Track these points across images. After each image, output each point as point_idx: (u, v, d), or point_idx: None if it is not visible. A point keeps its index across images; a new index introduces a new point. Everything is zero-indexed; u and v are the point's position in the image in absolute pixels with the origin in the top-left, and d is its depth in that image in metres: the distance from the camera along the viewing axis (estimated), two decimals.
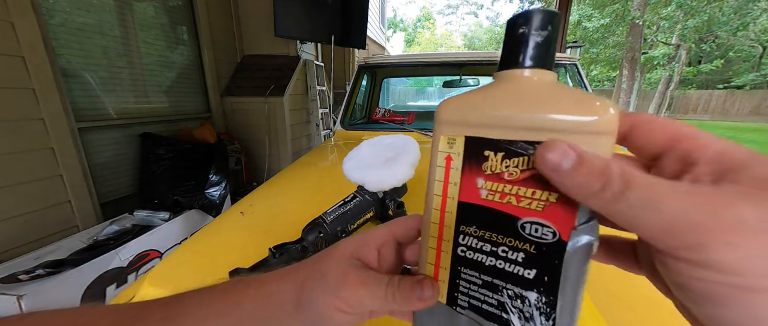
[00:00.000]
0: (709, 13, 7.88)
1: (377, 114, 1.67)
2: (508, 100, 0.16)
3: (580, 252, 0.15)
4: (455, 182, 0.18)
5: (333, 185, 0.82)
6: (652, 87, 11.24)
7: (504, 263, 0.17)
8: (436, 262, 0.19)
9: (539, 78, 0.16)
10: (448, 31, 35.70)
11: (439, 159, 0.18)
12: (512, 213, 0.16)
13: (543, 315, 0.16)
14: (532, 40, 0.15)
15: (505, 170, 0.16)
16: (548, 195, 0.15)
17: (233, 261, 0.48)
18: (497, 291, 0.17)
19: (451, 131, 0.17)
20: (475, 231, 0.17)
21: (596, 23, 8.65)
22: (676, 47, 9.17)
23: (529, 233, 0.16)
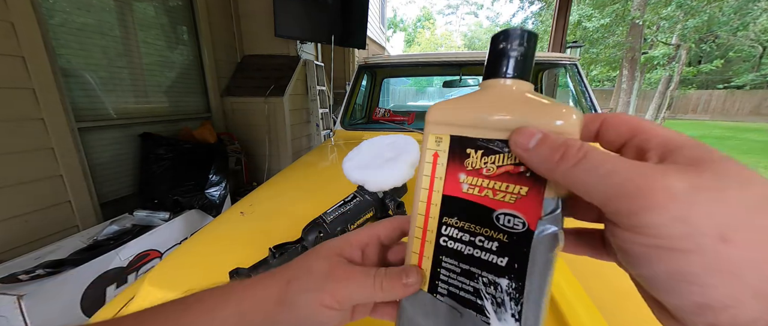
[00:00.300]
0: (709, 13, 7.87)
1: (377, 114, 1.67)
2: (489, 105, 0.18)
3: (546, 240, 0.17)
4: (441, 177, 0.20)
5: (333, 185, 0.82)
6: (652, 87, 11.24)
7: (480, 251, 0.19)
8: (420, 251, 0.21)
9: (517, 87, 0.18)
10: (448, 31, 35.71)
11: (428, 156, 0.20)
12: (489, 205, 0.18)
13: (513, 300, 0.18)
14: (511, 54, 0.18)
15: (484, 166, 0.18)
16: (520, 189, 0.17)
17: (233, 261, 0.48)
18: (473, 279, 0.19)
19: (438, 130, 0.20)
20: (456, 222, 0.19)
21: (596, 23, 8.64)
22: (676, 47, 9.17)
23: (503, 223, 0.18)
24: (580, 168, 0.15)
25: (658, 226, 0.13)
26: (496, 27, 25.13)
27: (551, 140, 0.16)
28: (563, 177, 0.15)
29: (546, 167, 0.16)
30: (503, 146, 0.17)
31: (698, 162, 0.13)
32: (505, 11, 30.35)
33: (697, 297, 0.12)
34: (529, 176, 0.17)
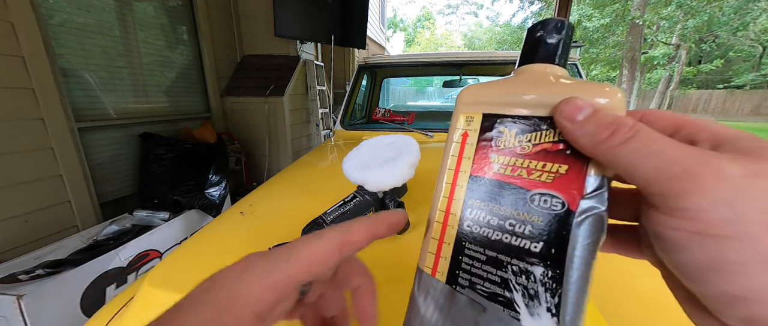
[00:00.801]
0: (709, 13, 7.87)
1: (377, 114, 1.67)
2: (527, 85, 0.17)
3: (590, 222, 0.15)
4: (469, 157, 0.19)
5: (333, 185, 0.82)
6: (652, 87, 11.24)
7: (510, 236, 0.17)
8: (440, 237, 0.19)
9: (552, 72, 0.18)
10: (448, 31, 35.70)
11: (456, 135, 0.19)
12: (522, 186, 0.17)
13: (548, 291, 0.15)
14: (549, 41, 0.18)
15: (518, 145, 0.17)
16: (558, 167, 0.16)
17: (233, 261, 0.48)
18: (501, 267, 0.17)
19: (470, 109, 0.19)
20: (483, 204, 0.18)
21: (596, 23, 8.64)
22: (676, 47, 9.17)
23: (538, 204, 0.16)
24: (628, 146, 0.14)
25: (701, 210, 0.12)
26: (496, 27, 25.11)
27: (602, 114, 0.15)
28: (607, 154, 0.15)
29: (591, 142, 0.15)
30: (541, 124, 0.17)
31: (754, 151, 0.13)
32: (505, 11, 30.35)
33: (734, 287, 0.12)
34: (570, 154, 0.16)
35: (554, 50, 0.18)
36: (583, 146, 0.15)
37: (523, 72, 0.18)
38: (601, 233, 0.16)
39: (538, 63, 0.18)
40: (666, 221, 0.13)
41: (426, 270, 0.19)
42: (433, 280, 0.19)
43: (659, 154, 0.14)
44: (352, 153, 0.62)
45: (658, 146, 0.14)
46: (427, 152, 0.66)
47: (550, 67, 0.18)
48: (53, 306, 1.06)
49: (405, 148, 0.58)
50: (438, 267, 0.19)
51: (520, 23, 14.34)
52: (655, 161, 0.14)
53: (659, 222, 0.14)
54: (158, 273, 0.51)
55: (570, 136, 0.16)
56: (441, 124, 1.61)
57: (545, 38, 0.18)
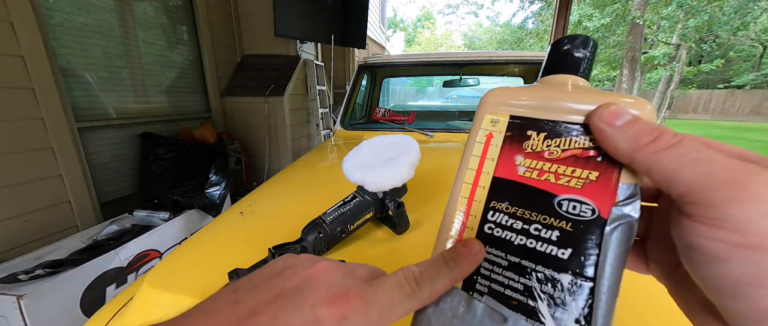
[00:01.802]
0: (710, 12, 7.86)
1: (377, 114, 1.67)
2: (556, 91, 0.18)
3: (621, 230, 0.15)
4: (493, 158, 0.18)
5: (333, 185, 0.82)
6: (653, 87, 11.24)
7: (535, 241, 0.16)
8: (458, 239, 0.18)
9: (577, 82, 0.18)
10: (448, 31, 35.69)
11: (480, 136, 0.19)
12: (549, 190, 0.16)
13: (577, 300, 0.15)
14: (576, 54, 0.18)
15: (546, 149, 0.17)
16: (589, 173, 0.16)
17: (233, 261, 0.48)
18: (525, 274, 0.16)
19: (496, 110, 0.19)
20: (507, 208, 0.17)
21: (597, 23, 8.64)
22: (677, 47, 9.16)
23: (567, 210, 0.16)
24: (672, 152, 0.14)
25: (749, 220, 0.12)
26: (496, 27, 25.11)
27: (644, 121, 0.15)
28: (648, 159, 0.14)
29: (631, 146, 0.15)
30: (571, 129, 0.17)
31: None
32: (505, 11, 30.36)
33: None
34: (601, 161, 0.16)
35: (580, 63, 0.18)
36: (621, 150, 0.15)
37: (550, 81, 0.19)
38: (631, 242, 0.15)
39: (564, 75, 0.18)
40: (706, 232, 0.13)
41: None
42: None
43: (706, 162, 0.13)
44: (352, 153, 0.62)
45: (704, 154, 0.13)
46: (427, 152, 0.66)
47: (575, 78, 0.18)
48: (53, 306, 1.06)
49: (405, 148, 0.58)
50: None
51: (520, 23, 14.33)
52: (700, 168, 0.13)
53: (697, 232, 0.13)
54: (158, 273, 0.51)
55: (608, 139, 0.15)
56: (441, 124, 1.61)
57: (572, 52, 0.18)
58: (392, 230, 0.57)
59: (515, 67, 1.88)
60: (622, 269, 0.15)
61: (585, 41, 0.18)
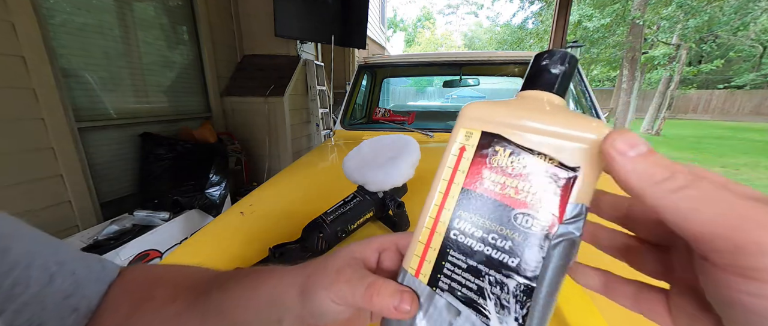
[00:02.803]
0: (710, 13, 7.86)
1: (377, 114, 1.67)
2: (526, 110, 0.19)
3: (563, 245, 0.17)
4: (463, 170, 0.20)
5: (333, 185, 0.82)
6: (652, 87, 11.23)
7: (491, 249, 0.18)
8: (427, 241, 0.20)
9: (550, 100, 0.19)
10: (448, 31, 35.69)
11: (455, 148, 0.20)
12: (508, 204, 0.18)
13: (519, 303, 0.17)
14: (553, 71, 0.19)
15: (510, 165, 0.18)
16: (544, 191, 0.17)
17: (233, 261, 0.48)
18: (479, 276, 0.18)
19: (471, 124, 0.20)
20: (471, 217, 0.19)
21: (597, 23, 8.63)
22: (677, 47, 9.15)
23: (520, 223, 0.18)
24: (688, 192, 0.13)
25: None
26: (496, 27, 25.12)
27: (658, 156, 0.14)
28: (661, 198, 0.14)
29: (642, 181, 0.14)
30: (534, 150, 0.18)
31: None
32: (505, 11, 30.33)
33: None
34: (556, 180, 0.17)
35: (555, 80, 0.19)
36: (630, 183, 0.15)
37: (525, 97, 0.20)
38: (573, 257, 0.17)
39: (539, 90, 0.19)
40: (744, 285, 0.11)
41: (410, 271, 0.21)
42: (416, 281, 0.20)
43: (724, 205, 0.12)
44: (352, 153, 0.62)
45: (723, 195, 0.12)
46: (427, 152, 0.66)
47: (549, 95, 0.19)
48: None
49: (405, 148, 0.58)
50: (422, 269, 0.20)
51: (520, 23, 14.31)
52: (719, 210, 0.12)
53: (734, 287, 0.12)
54: None
55: (618, 169, 0.15)
56: (441, 124, 1.61)
57: (550, 67, 0.19)
58: (392, 230, 0.57)
59: (515, 68, 1.88)
60: (562, 279, 0.17)
61: (563, 57, 0.19)
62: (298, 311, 0.22)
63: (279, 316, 0.22)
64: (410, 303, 0.19)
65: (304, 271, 0.23)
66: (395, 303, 0.19)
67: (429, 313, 0.19)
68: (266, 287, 0.23)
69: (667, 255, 0.18)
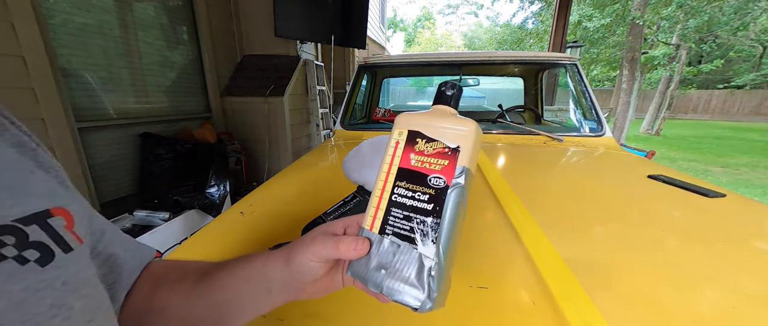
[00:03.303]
0: (710, 13, 7.85)
1: (377, 114, 1.67)
2: (435, 116, 0.30)
3: (456, 191, 0.27)
4: (398, 155, 0.30)
5: (333, 185, 0.82)
6: (652, 87, 11.22)
7: (416, 202, 0.28)
8: (377, 204, 0.30)
9: (449, 111, 0.30)
10: (448, 31, 35.68)
11: (392, 142, 0.31)
12: (425, 172, 0.28)
13: (433, 230, 0.27)
14: (447, 93, 0.31)
15: (426, 149, 0.29)
16: (444, 161, 0.28)
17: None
18: (411, 221, 0.28)
19: (401, 127, 0.31)
20: (404, 184, 0.29)
21: (597, 23, 8.62)
22: (677, 47, 9.14)
23: (432, 183, 0.28)
24: None
25: None
26: (496, 27, 25.10)
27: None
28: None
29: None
30: (437, 139, 0.29)
31: None
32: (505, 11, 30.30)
33: None
34: (450, 154, 0.28)
35: (450, 99, 0.31)
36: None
37: (435, 109, 0.31)
38: (463, 197, 0.27)
39: (443, 105, 0.31)
40: None
41: (366, 226, 0.29)
42: (370, 232, 0.29)
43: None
44: (352, 153, 0.62)
45: None
46: None
47: (449, 108, 0.31)
48: None
49: None
50: (374, 224, 0.29)
51: (520, 23, 14.29)
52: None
53: None
54: None
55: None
56: None
57: (446, 92, 0.31)
58: None
59: (514, 68, 1.88)
60: (457, 211, 0.27)
61: (454, 85, 0.31)
62: (282, 277, 0.29)
63: (268, 285, 0.30)
64: (363, 245, 0.28)
65: (287, 247, 0.31)
66: (353, 246, 0.28)
67: (380, 251, 0.28)
68: (257, 264, 0.31)
69: None
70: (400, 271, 0.27)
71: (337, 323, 0.38)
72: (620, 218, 0.63)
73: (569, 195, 0.75)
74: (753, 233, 0.58)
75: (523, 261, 0.46)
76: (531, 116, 1.91)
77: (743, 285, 0.42)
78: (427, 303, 0.26)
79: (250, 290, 0.30)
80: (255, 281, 0.30)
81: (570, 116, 1.51)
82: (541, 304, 0.38)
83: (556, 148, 1.21)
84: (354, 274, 0.29)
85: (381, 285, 0.27)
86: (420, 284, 0.26)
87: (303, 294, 0.30)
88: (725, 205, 0.69)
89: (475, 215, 0.62)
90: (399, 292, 0.27)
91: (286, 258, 0.29)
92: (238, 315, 0.31)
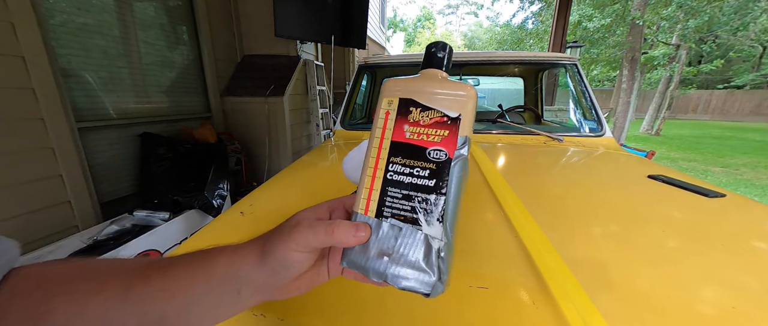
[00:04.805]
0: (710, 13, 7.85)
1: None
2: (427, 81, 0.27)
3: (459, 163, 0.25)
4: (390, 128, 0.27)
5: (333, 185, 0.82)
6: (652, 87, 11.22)
7: (416, 179, 0.25)
8: (370, 185, 0.27)
9: (441, 75, 0.28)
10: (448, 31, 35.67)
11: (381, 114, 0.28)
12: (423, 145, 0.26)
13: (437, 207, 0.24)
14: (438, 55, 0.28)
15: (421, 119, 0.26)
16: (443, 132, 0.25)
17: None
18: (411, 200, 0.25)
19: (391, 94, 0.28)
20: (400, 160, 0.26)
21: (597, 23, 8.61)
22: (676, 47, 9.14)
23: (432, 156, 0.25)
24: None
25: None
26: (496, 27, 25.11)
27: None
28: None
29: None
30: (433, 106, 0.26)
31: None
32: (505, 11, 30.32)
33: None
34: (449, 123, 0.25)
35: (442, 61, 0.28)
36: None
37: (424, 74, 0.28)
38: (466, 169, 0.25)
39: (433, 68, 0.28)
40: None
41: (359, 211, 0.26)
42: (365, 217, 0.26)
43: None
44: (352, 153, 0.62)
45: None
46: None
47: (439, 71, 0.28)
48: None
49: None
50: (369, 207, 0.26)
51: (520, 23, 14.29)
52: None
53: None
54: None
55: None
56: None
57: (437, 53, 0.28)
58: None
59: (514, 68, 1.88)
60: (461, 186, 0.25)
61: (444, 46, 0.28)
62: (257, 275, 0.24)
63: (237, 286, 0.24)
64: (365, 230, 0.25)
65: (261, 238, 0.26)
66: (352, 231, 0.24)
67: (379, 237, 0.25)
68: (221, 260, 0.25)
69: None
70: (404, 256, 0.24)
71: (339, 323, 0.38)
72: (620, 218, 0.63)
73: (569, 195, 0.75)
74: (753, 233, 0.58)
75: (523, 261, 0.46)
76: (531, 116, 1.91)
77: (743, 285, 0.42)
78: (438, 286, 0.24)
79: (211, 294, 0.24)
80: (219, 282, 0.24)
81: (570, 116, 1.51)
82: (541, 304, 0.38)
83: (556, 148, 1.21)
84: (351, 264, 0.26)
85: (385, 274, 0.25)
86: (429, 267, 0.24)
87: (281, 294, 0.25)
88: (725, 205, 0.69)
89: (475, 215, 0.62)
90: (406, 279, 0.24)
91: (260, 251, 0.24)
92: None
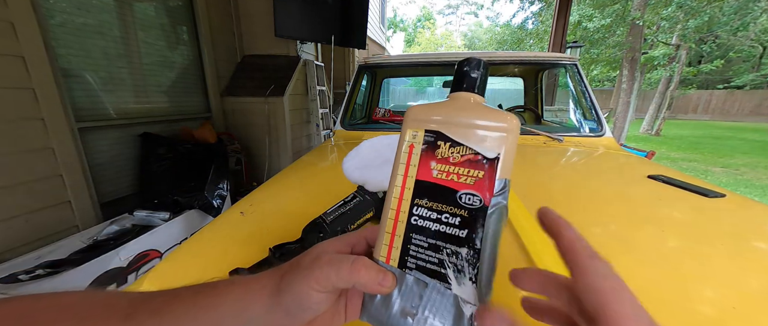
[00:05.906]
0: (710, 13, 7.85)
1: (377, 114, 1.67)
2: (457, 109, 0.23)
3: (497, 212, 0.21)
4: (415, 164, 0.23)
5: (333, 185, 0.82)
6: (652, 87, 11.22)
7: (445, 227, 0.22)
8: (392, 231, 0.23)
9: (474, 99, 0.23)
10: (448, 31, 35.69)
11: (405, 147, 0.24)
12: (453, 187, 0.22)
13: (470, 265, 0.21)
14: (471, 75, 0.23)
15: (451, 155, 0.22)
16: (478, 172, 0.21)
17: (233, 261, 0.48)
18: (439, 251, 0.22)
19: (415, 125, 0.24)
20: (426, 203, 0.23)
21: (597, 24, 8.62)
22: (677, 47, 9.15)
23: (464, 201, 0.21)
24: (612, 282, 0.20)
25: None
26: (496, 27, 25.13)
27: None
28: (592, 276, 0.20)
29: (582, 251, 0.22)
30: (465, 142, 0.22)
31: None
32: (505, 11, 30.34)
33: None
34: (485, 163, 0.21)
35: (475, 82, 0.23)
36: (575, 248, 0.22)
37: (455, 98, 0.24)
38: (504, 221, 0.21)
39: (465, 92, 0.23)
40: None
41: (380, 259, 0.23)
42: (387, 266, 0.23)
43: None
44: (352, 153, 0.62)
45: None
46: None
47: (475, 96, 0.23)
48: None
49: None
50: (391, 255, 0.23)
51: (520, 24, 14.30)
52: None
53: None
54: (158, 273, 0.51)
55: (567, 235, 0.22)
56: None
57: (470, 73, 0.23)
58: None
59: (515, 68, 1.88)
60: (498, 240, 0.21)
61: (479, 63, 0.23)
62: (269, 317, 0.21)
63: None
64: (391, 280, 0.22)
65: (277, 272, 0.22)
66: (380, 278, 0.21)
67: (402, 291, 0.22)
68: (229, 299, 0.21)
69: None
70: (430, 319, 0.21)
71: None
72: (620, 218, 0.63)
73: (569, 195, 0.75)
74: (753, 234, 0.58)
75: (523, 261, 0.46)
76: (531, 116, 1.91)
77: (743, 285, 0.42)
78: None
79: None
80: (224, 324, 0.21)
81: (570, 116, 1.51)
82: None
83: (556, 148, 1.21)
84: (371, 319, 0.23)
85: None
86: None
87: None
88: (725, 205, 0.69)
89: None
90: None
91: (275, 289, 0.21)
92: None
